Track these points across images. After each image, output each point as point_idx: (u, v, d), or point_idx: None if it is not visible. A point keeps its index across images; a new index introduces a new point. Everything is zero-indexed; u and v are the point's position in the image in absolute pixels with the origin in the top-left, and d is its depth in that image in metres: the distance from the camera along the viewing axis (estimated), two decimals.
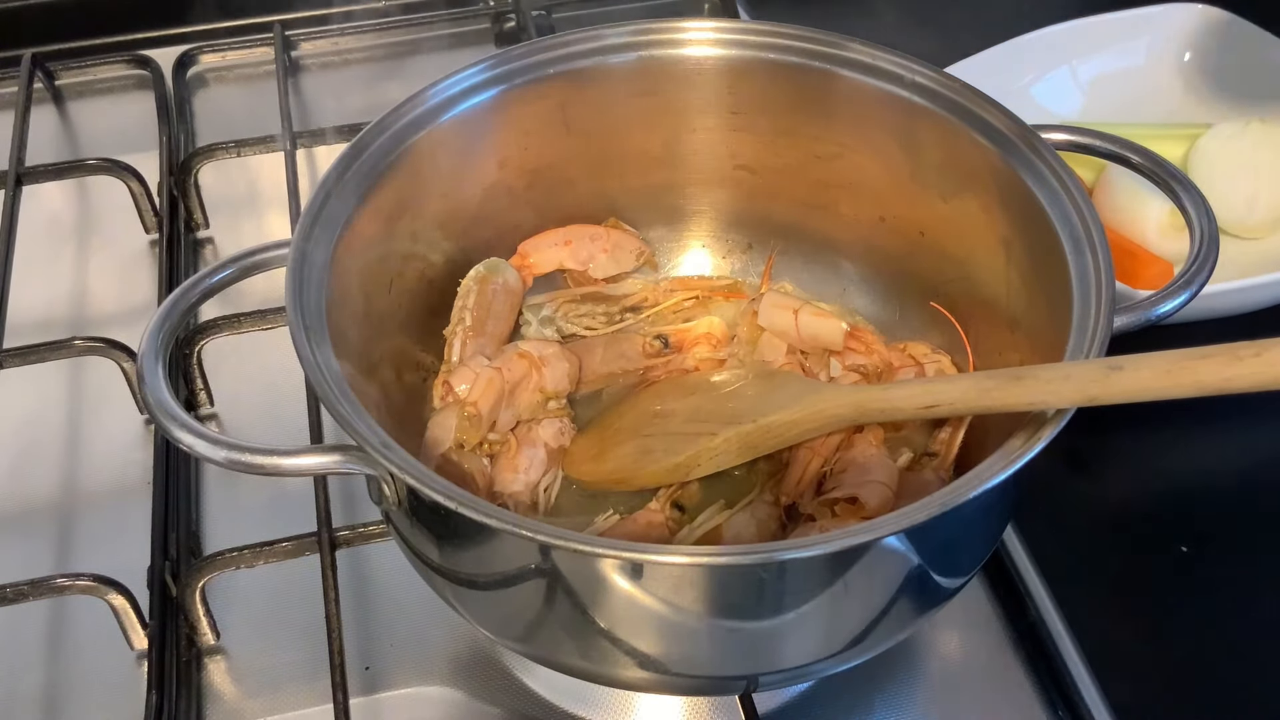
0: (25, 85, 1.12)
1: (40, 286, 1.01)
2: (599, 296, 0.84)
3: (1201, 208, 0.69)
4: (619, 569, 0.57)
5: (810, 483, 0.73)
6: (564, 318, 0.83)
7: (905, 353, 0.80)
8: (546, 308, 0.83)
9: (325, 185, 0.70)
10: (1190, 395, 0.57)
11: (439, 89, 0.76)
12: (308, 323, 0.64)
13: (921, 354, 0.80)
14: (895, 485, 0.72)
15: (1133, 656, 0.75)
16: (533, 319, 0.83)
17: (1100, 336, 0.62)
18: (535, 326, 0.83)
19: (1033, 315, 0.71)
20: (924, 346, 0.80)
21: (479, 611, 0.67)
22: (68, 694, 0.76)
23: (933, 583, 0.64)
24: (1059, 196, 0.69)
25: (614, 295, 0.84)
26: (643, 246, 0.86)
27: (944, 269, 0.79)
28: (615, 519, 0.73)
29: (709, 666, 0.64)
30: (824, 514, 0.71)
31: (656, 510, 0.73)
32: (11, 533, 0.85)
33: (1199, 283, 0.67)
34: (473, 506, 0.56)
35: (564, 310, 0.83)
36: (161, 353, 0.63)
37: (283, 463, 0.61)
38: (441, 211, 0.79)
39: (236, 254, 0.69)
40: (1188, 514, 0.84)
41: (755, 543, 0.71)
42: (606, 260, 0.84)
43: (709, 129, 0.83)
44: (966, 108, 0.75)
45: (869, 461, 0.73)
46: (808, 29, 0.79)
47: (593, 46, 0.80)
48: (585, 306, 0.83)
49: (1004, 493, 0.61)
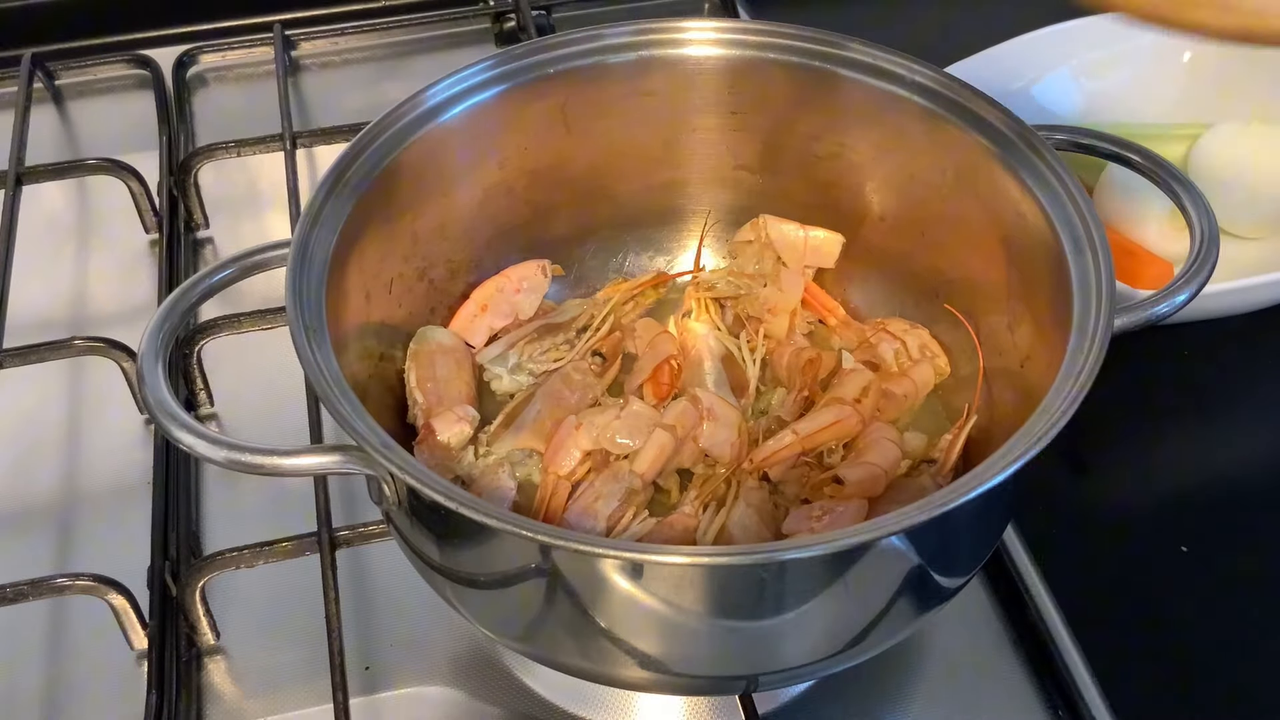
0: (25, 85, 1.12)
1: (40, 286, 1.01)
2: (550, 328, 0.83)
3: (1202, 208, 0.69)
4: (619, 569, 0.57)
5: (782, 460, 0.73)
6: (530, 360, 0.81)
7: (884, 329, 0.81)
8: (511, 356, 0.81)
9: (325, 185, 0.70)
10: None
11: (438, 89, 0.76)
12: (308, 322, 0.64)
13: (900, 330, 0.81)
14: (890, 467, 0.72)
15: (1133, 656, 0.75)
16: (502, 372, 0.81)
17: (1100, 337, 0.62)
18: (507, 379, 0.81)
19: (1033, 315, 0.71)
20: (902, 322, 0.81)
21: (479, 611, 0.67)
22: (68, 694, 0.76)
23: (933, 583, 0.64)
24: (1059, 196, 0.69)
25: (562, 322, 0.83)
26: (539, 262, 0.85)
27: (944, 269, 0.79)
28: (653, 522, 0.72)
29: (709, 666, 0.64)
30: (816, 495, 0.71)
31: (690, 515, 0.72)
32: (11, 533, 0.85)
33: (1199, 283, 0.67)
34: (473, 506, 0.56)
35: (527, 352, 0.81)
36: (161, 353, 0.63)
37: (283, 463, 0.61)
38: (442, 211, 0.79)
39: (237, 254, 0.69)
40: (1188, 514, 0.84)
41: (760, 528, 0.71)
42: (523, 298, 0.84)
43: (709, 129, 0.83)
44: (966, 108, 0.75)
45: (869, 446, 0.74)
46: (808, 29, 0.79)
47: (593, 46, 0.80)
48: (545, 341, 0.82)
49: (1004, 493, 0.62)
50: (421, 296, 0.79)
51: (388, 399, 0.76)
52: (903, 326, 0.81)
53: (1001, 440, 0.60)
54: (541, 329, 0.83)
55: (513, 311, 0.83)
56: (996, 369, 0.75)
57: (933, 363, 0.80)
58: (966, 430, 0.74)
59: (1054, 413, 0.59)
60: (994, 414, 0.74)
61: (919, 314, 0.82)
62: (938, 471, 0.73)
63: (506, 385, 0.81)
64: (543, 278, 0.85)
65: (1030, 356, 0.71)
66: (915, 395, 0.79)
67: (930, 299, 0.80)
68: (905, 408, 0.78)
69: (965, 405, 0.75)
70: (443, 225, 0.79)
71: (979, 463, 0.59)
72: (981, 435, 0.74)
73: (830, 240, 0.84)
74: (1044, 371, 0.65)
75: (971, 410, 0.74)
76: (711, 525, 0.72)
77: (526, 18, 1.21)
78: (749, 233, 0.86)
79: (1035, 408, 0.60)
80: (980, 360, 0.76)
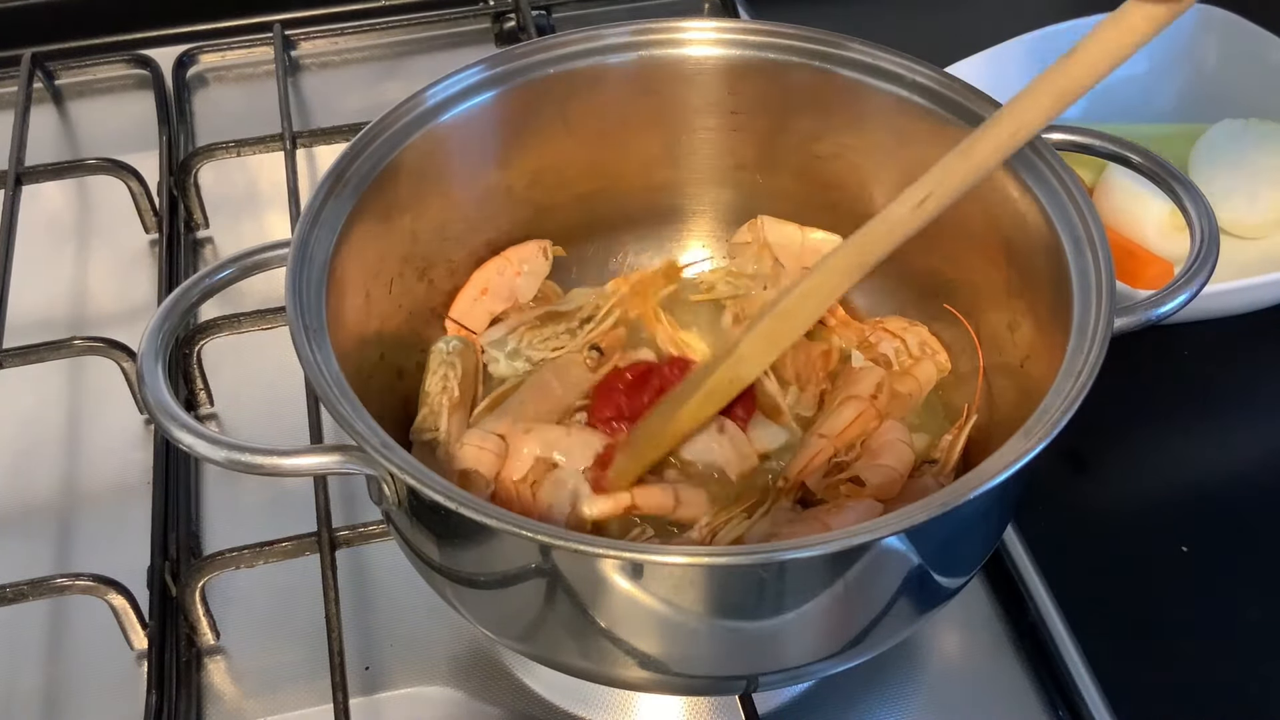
0: (25, 85, 1.12)
1: (40, 286, 1.01)
2: (554, 315, 0.82)
3: (1202, 207, 0.69)
4: (619, 569, 0.57)
5: (818, 469, 0.73)
6: (529, 347, 0.81)
7: (882, 327, 0.81)
8: (510, 341, 0.81)
9: (325, 185, 0.70)
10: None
11: (438, 89, 0.76)
12: (307, 323, 0.64)
13: (899, 327, 0.81)
14: (905, 470, 0.72)
15: (1133, 656, 0.75)
16: (500, 355, 0.81)
17: (1101, 336, 0.62)
18: (504, 363, 0.81)
19: (1033, 315, 0.71)
20: (901, 320, 0.81)
21: (479, 611, 0.67)
22: (68, 694, 0.76)
23: (933, 583, 0.64)
24: (1059, 196, 0.69)
25: (567, 311, 0.83)
26: (540, 242, 0.84)
27: (944, 269, 0.79)
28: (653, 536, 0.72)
29: (709, 666, 0.64)
30: (832, 495, 0.71)
31: (697, 540, 0.72)
32: (11, 533, 0.85)
33: (1199, 282, 0.66)
34: (473, 506, 0.56)
35: (527, 339, 0.81)
36: (161, 353, 0.63)
37: (282, 463, 0.60)
38: (441, 212, 0.79)
39: (236, 254, 0.69)
40: (1188, 514, 0.84)
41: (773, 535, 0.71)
42: (524, 281, 0.83)
43: (709, 129, 0.83)
44: (966, 108, 0.75)
45: (884, 448, 0.74)
46: (807, 29, 0.79)
47: (592, 46, 0.79)
48: (546, 329, 0.82)
49: (1004, 493, 0.61)
50: (421, 296, 0.79)
51: (388, 399, 0.75)
52: (901, 324, 0.81)
53: (1002, 440, 0.59)
54: (545, 316, 0.82)
55: (513, 295, 0.83)
56: (996, 368, 0.75)
57: (934, 359, 0.80)
58: (967, 430, 0.74)
59: (1054, 412, 0.59)
60: (994, 414, 0.74)
61: (919, 314, 0.82)
62: (939, 471, 0.73)
63: (503, 370, 0.81)
64: (543, 259, 0.84)
65: (1030, 356, 0.71)
66: (919, 393, 0.79)
67: (930, 299, 0.80)
68: (910, 406, 0.78)
69: (965, 404, 0.75)
70: (442, 225, 0.79)
71: (979, 462, 0.59)
72: (981, 435, 0.74)
73: (829, 242, 0.84)
74: (1044, 371, 0.65)
75: (972, 410, 0.75)
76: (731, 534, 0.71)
77: (526, 18, 1.21)
78: (747, 234, 0.86)
79: (1035, 407, 0.60)
80: (980, 360, 0.76)
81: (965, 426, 0.74)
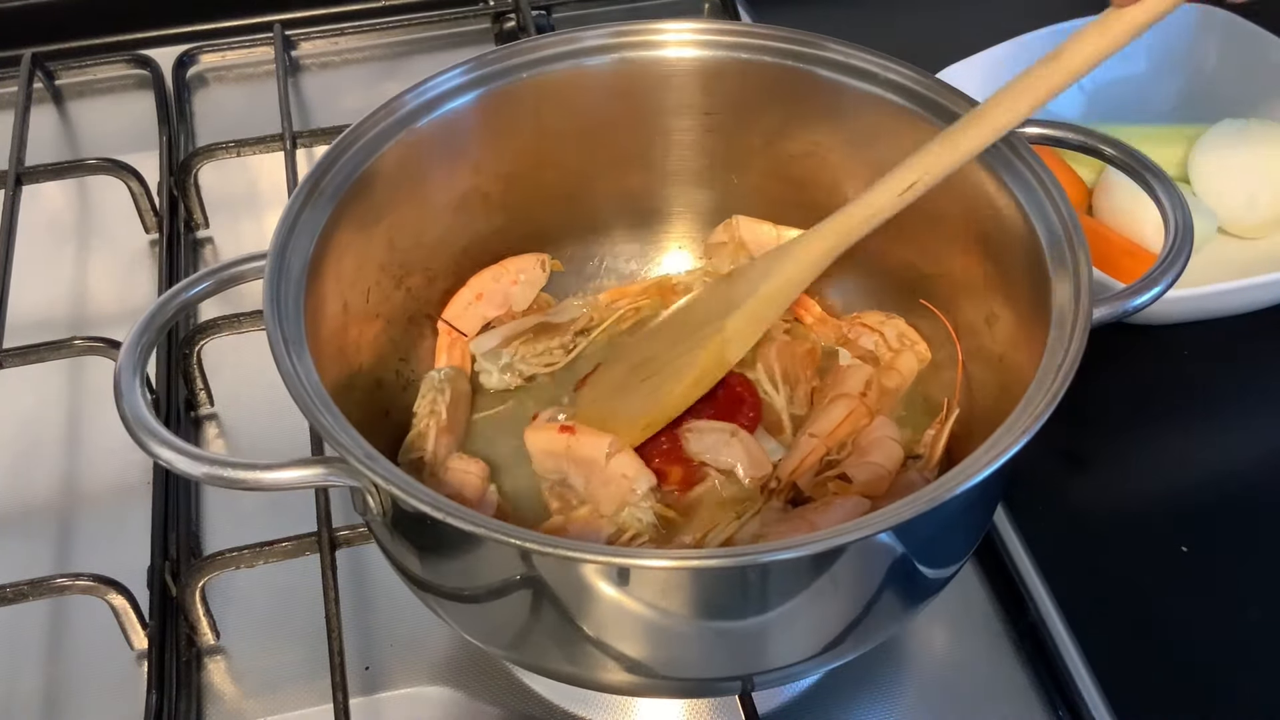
0: (25, 85, 1.12)
1: (40, 286, 1.01)
2: (547, 328, 0.82)
3: (1175, 199, 0.69)
4: (604, 574, 0.57)
5: (810, 469, 0.73)
6: (522, 360, 0.81)
7: (860, 322, 0.81)
8: (504, 354, 0.81)
9: (301, 193, 0.70)
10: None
11: (413, 95, 0.76)
12: (286, 334, 0.63)
13: (877, 321, 0.81)
14: (894, 467, 0.72)
15: (1133, 656, 0.75)
16: (492, 368, 0.81)
17: (1080, 328, 0.62)
18: (496, 376, 0.81)
19: (1011, 308, 0.71)
20: (878, 314, 0.81)
21: (466, 621, 0.66)
22: (68, 694, 0.76)
23: (921, 577, 0.64)
24: (1035, 192, 0.69)
25: (561, 323, 0.83)
26: (539, 255, 0.85)
27: (921, 265, 0.79)
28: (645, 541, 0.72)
29: (699, 669, 0.64)
30: (821, 492, 0.71)
31: (689, 545, 0.72)
32: (11, 533, 0.85)
33: (1174, 273, 0.66)
34: (459, 515, 0.55)
35: (520, 353, 0.81)
36: (139, 367, 0.62)
37: (264, 477, 0.60)
38: (418, 218, 0.78)
39: (213, 267, 0.68)
40: (1188, 514, 0.84)
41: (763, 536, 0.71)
42: (519, 290, 0.83)
43: (685, 130, 0.83)
44: (941, 105, 0.74)
45: (873, 445, 0.74)
46: (783, 29, 0.79)
47: (567, 49, 0.79)
48: (540, 343, 0.82)
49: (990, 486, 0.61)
50: (399, 305, 0.79)
51: (368, 409, 0.75)
52: (879, 318, 0.81)
53: (982, 434, 0.59)
54: (538, 328, 0.82)
55: (506, 302, 0.83)
56: (976, 361, 0.75)
57: (914, 349, 0.80)
58: (949, 425, 0.74)
59: (1038, 404, 0.59)
60: (974, 408, 0.75)
61: (896, 310, 0.82)
62: (924, 466, 0.73)
63: (495, 383, 0.81)
64: (541, 272, 0.84)
65: (1009, 350, 0.71)
66: (903, 385, 0.79)
67: (907, 295, 0.80)
68: (895, 399, 0.78)
69: (944, 398, 0.75)
70: (419, 232, 0.79)
71: (962, 455, 0.59)
72: (962, 430, 0.74)
73: None
74: (1024, 364, 0.65)
75: (952, 405, 0.75)
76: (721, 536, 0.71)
77: (526, 18, 1.21)
78: (722, 234, 0.85)
79: (1016, 400, 0.60)
80: (959, 354, 0.76)
81: (948, 421, 0.74)
